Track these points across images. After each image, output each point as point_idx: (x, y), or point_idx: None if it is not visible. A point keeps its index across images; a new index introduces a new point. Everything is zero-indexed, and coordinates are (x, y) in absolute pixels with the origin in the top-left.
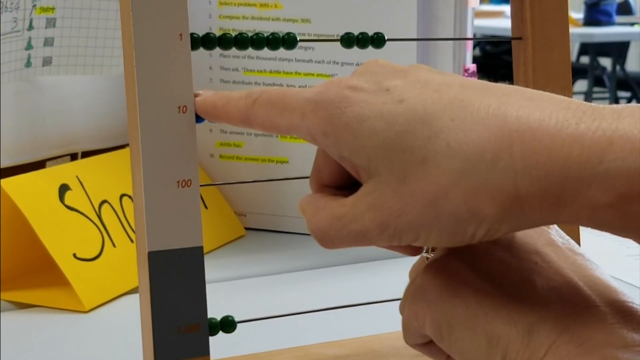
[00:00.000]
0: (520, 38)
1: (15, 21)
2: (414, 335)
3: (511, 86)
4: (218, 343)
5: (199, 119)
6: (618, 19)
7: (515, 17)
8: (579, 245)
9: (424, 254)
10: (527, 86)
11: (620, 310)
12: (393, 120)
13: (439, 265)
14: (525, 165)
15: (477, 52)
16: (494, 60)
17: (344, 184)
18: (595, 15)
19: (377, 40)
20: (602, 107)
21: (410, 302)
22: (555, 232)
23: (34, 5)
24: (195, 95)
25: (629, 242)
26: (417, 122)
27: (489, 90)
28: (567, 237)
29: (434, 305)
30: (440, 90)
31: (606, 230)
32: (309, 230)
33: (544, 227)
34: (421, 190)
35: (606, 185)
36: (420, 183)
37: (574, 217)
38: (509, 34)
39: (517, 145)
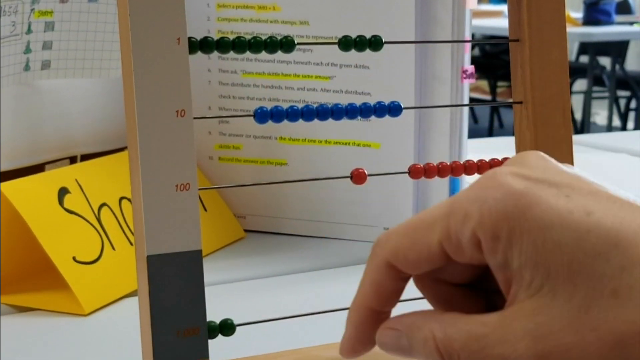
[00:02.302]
0: (517, 40)
1: (13, 25)
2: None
3: None
4: (217, 346)
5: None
6: (617, 18)
7: (513, 19)
8: None
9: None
10: (524, 88)
11: None
12: (582, 237)
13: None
14: None
15: (477, 51)
16: (494, 59)
17: (455, 281)
18: (594, 14)
19: (375, 43)
20: None
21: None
22: None
23: (33, 9)
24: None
25: None
26: (610, 245)
27: None
28: None
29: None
30: (625, 208)
31: None
32: (426, 349)
33: None
34: (607, 326)
35: None
36: (607, 319)
37: None
38: (507, 33)
39: None
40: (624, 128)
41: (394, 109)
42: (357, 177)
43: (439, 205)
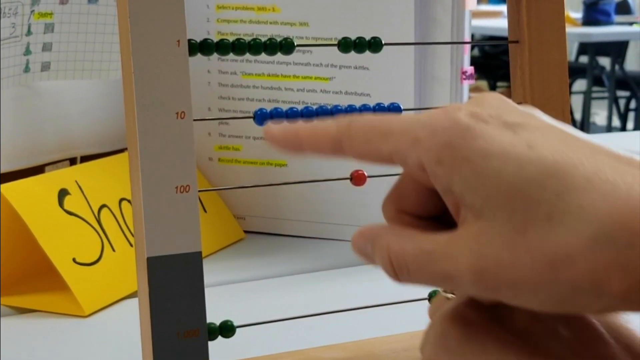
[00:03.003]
0: (517, 41)
1: (13, 27)
2: None
3: (635, 155)
4: (217, 348)
5: None
6: (617, 18)
7: (512, 20)
8: None
9: (443, 294)
10: (524, 89)
11: None
12: (522, 165)
13: (462, 313)
14: None
15: (476, 52)
16: (493, 60)
17: (427, 215)
18: (594, 14)
19: (374, 45)
20: None
21: (431, 348)
22: None
23: (32, 11)
24: (269, 129)
25: None
26: (548, 174)
27: (618, 156)
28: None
29: (454, 355)
30: (570, 144)
31: None
32: (381, 258)
33: None
34: (541, 248)
35: None
36: (541, 241)
37: None
38: (507, 34)
39: None
40: (623, 128)
41: (394, 110)
42: (357, 178)
43: (400, 119)
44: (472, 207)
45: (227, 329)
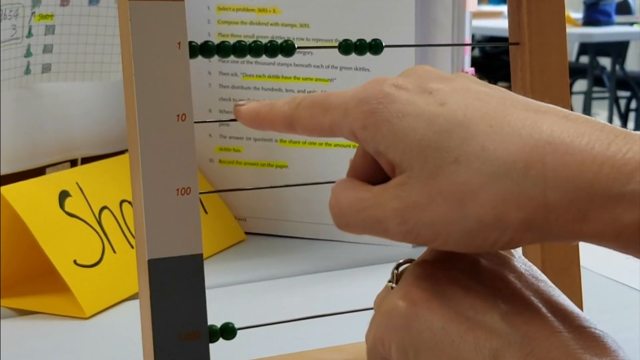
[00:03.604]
0: (517, 43)
1: (14, 28)
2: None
3: (550, 105)
4: (218, 350)
5: None
6: (617, 18)
7: (513, 22)
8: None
9: (389, 284)
10: (524, 91)
11: (583, 337)
12: (432, 120)
13: (405, 292)
14: (556, 177)
15: (477, 52)
16: (494, 60)
17: (377, 182)
18: (594, 15)
19: (375, 47)
20: (635, 133)
21: (376, 328)
22: (518, 259)
23: (33, 13)
24: (238, 105)
25: None
26: (455, 124)
27: (528, 106)
28: (530, 264)
29: (400, 331)
30: (482, 99)
31: (630, 252)
32: (329, 207)
33: (507, 255)
34: (450, 188)
35: (632, 205)
36: (451, 182)
37: (598, 234)
38: (507, 34)
39: (550, 157)
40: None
41: None
42: None
43: (337, 94)
44: (395, 161)
45: (228, 331)
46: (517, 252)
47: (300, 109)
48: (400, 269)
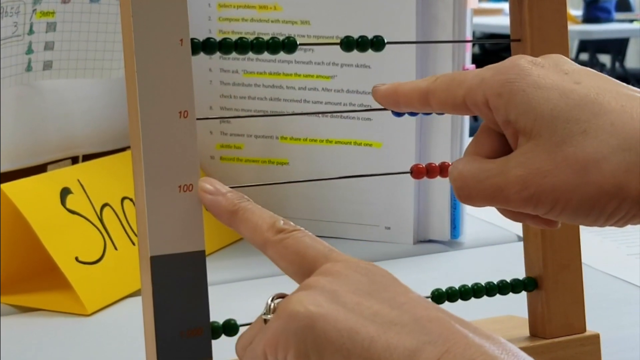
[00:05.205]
0: (519, 40)
1: (15, 26)
2: None
3: None
4: (221, 346)
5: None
6: (617, 15)
7: (514, 19)
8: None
9: (263, 316)
10: None
11: (496, 342)
12: (566, 94)
13: (305, 299)
14: None
15: (477, 49)
16: (494, 57)
17: (497, 157)
18: (594, 12)
19: (377, 44)
20: None
21: (267, 337)
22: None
23: (34, 10)
24: (377, 86)
25: (630, 242)
26: (588, 100)
27: None
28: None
29: (301, 334)
30: (613, 83)
31: None
32: (451, 180)
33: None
34: (575, 156)
35: None
36: (577, 150)
37: None
38: (507, 31)
39: None
40: None
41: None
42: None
43: (474, 70)
44: (524, 129)
45: (230, 328)
46: None
47: (438, 82)
48: (276, 301)
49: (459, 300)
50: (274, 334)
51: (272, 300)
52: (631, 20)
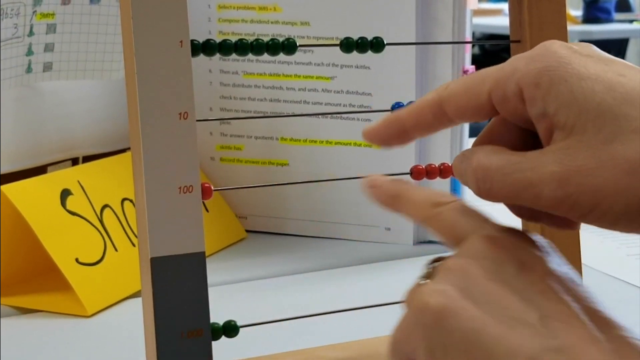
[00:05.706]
0: (519, 41)
1: (15, 27)
2: (401, 357)
3: None
4: (221, 347)
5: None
6: (617, 16)
7: (514, 20)
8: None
9: (419, 281)
10: None
11: (622, 347)
12: (613, 87)
13: (438, 289)
14: None
15: (477, 50)
16: (494, 58)
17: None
18: (594, 12)
19: (377, 45)
20: None
21: (404, 326)
22: (557, 260)
23: (34, 12)
24: (367, 129)
25: (630, 242)
26: (636, 95)
27: None
28: (568, 266)
29: (430, 330)
30: None
31: None
32: (466, 172)
33: (546, 255)
34: (624, 155)
35: None
36: (626, 149)
37: None
38: (507, 31)
39: None
40: None
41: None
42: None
43: (494, 66)
44: (565, 124)
45: (230, 329)
46: (556, 253)
47: (452, 87)
48: (434, 265)
49: None
50: (406, 325)
51: (430, 264)
52: (631, 21)
